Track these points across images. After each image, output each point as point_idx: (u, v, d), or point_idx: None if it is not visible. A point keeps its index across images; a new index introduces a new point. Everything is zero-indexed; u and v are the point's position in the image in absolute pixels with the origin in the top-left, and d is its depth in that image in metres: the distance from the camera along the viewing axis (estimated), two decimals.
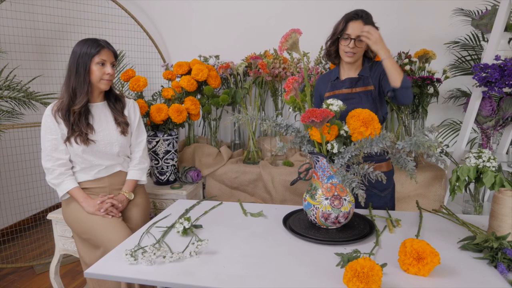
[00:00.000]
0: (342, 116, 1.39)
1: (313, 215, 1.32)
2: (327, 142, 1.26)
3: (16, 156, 2.63)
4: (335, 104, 1.25)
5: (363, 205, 1.19)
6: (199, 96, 2.57)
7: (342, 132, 1.28)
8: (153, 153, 2.31)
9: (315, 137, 1.26)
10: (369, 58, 1.74)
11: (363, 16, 1.62)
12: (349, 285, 0.97)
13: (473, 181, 1.85)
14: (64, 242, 2.03)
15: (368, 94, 1.68)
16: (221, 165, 2.48)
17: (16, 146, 2.61)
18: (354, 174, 1.19)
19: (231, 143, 2.75)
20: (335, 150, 1.24)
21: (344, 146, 1.26)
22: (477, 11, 2.34)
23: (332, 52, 1.74)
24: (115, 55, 1.73)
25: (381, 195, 1.72)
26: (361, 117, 1.20)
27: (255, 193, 2.44)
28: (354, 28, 1.60)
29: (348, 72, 1.73)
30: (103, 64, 1.67)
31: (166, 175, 2.36)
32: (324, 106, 1.28)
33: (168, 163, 2.35)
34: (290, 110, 1.56)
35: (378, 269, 0.96)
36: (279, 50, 1.27)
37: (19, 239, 2.87)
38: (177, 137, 2.38)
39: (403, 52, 2.38)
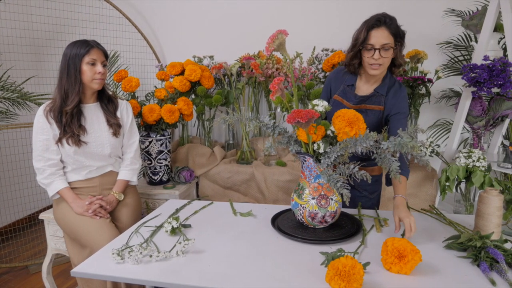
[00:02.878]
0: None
1: (300, 215, 1.33)
2: (313, 142, 1.27)
3: (11, 156, 2.64)
4: (321, 105, 1.26)
5: (347, 204, 1.20)
6: (193, 97, 2.58)
7: (329, 132, 1.29)
8: (146, 153, 2.32)
9: (302, 137, 1.27)
10: (397, 65, 1.55)
11: (386, 22, 1.44)
12: (331, 284, 0.98)
13: (463, 180, 1.86)
14: (56, 242, 2.04)
15: (375, 113, 1.57)
16: (214, 165, 2.49)
17: (11, 146, 2.62)
18: (340, 174, 1.20)
19: (225, 143, 2.76)
20: (321, 150, 1.25)
21: (331, 146, 1.27)
22: (468, 12, 2.35)
23: (356, 65, 1.55)
24: (106, 55, 1.74)
25: (370, 197, 1.73)
26: (346, 117, 1.21)
27: (248, 193, 2.45)
28: (377, 37, 1.43)
29: (365, 83, 1.59)
30: (93, 63, 1.68)
31: (159, 175, 2.37)
32: (310, 106, 1.29)
33: (161, 163, 2.35)
34: (279, 110, 1.56)
35: (360, 267, 0.97)
36: (266, 51, 1.27)
37: (14, 239, 2.88)
38: (170, 137, 2.39)
39: None
